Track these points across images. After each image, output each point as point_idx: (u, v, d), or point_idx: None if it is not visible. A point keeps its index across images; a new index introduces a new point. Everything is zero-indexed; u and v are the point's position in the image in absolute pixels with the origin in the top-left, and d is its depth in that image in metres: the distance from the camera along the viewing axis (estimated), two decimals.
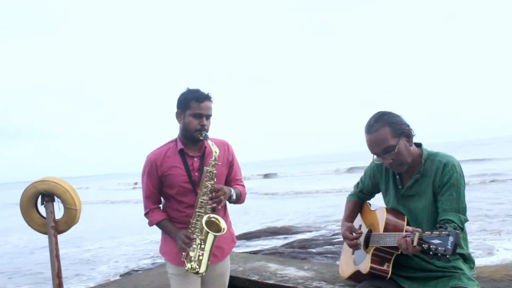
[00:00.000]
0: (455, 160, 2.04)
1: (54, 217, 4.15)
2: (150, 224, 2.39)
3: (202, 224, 2.14)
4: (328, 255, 8.23)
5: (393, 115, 2.05)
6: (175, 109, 2.34)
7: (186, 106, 2.27)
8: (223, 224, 2.19)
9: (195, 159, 2.34)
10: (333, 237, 9.83)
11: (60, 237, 4.45)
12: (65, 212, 4.16)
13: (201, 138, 2.26)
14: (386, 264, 2.11)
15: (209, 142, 2.25)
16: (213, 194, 2.17)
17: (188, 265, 2.13)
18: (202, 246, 2.15)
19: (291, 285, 2.79)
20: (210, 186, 2.19)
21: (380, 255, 2.13)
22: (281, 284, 2.83)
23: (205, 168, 2.22)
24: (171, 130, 2.47)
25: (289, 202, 18.81)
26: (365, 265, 2.18)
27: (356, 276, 2.37)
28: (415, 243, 1.70)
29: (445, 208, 1.95)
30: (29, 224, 4.16)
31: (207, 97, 2.27)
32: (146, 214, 2.40)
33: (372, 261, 2.13)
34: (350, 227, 2.28)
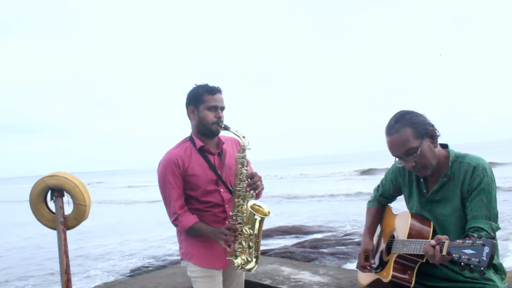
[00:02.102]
0: (486, 163, 1.89)
1: (63, 213, 4.09)
2: (182, 229, 2.24)
3: (247, 210, 2.06)
4: (340, 255, 8.10)
5: (415, 115, 1.90)
6: (184, 108, 2.28)
7: (199, 101, 2.20)
8: (266, 208, 2.10)
9: (215, 156, 2.28)
10: (344, 237, 9.69)
11: (69, 232, 4.39)
12: (74, 208, 4.10)
13: (221, 130, 2.20)
14: (409, 272, 1.97)
15: (232, 130, 2.18)
16: (249, 180, 2.09)
17: (237, 261, 2.06)
18: (251, 233, 2.06)
19: None
20: (245, 172, 2.12)
21: (403, 263, 1.99)
22: None
23: (237, 154, 2.16)
24: (180, 128, 2.37)
25: (303, 203, 18.66)
26: (386, 273, 2.04)
27: (376, 284, 2.23)
28: (444, 252, 1.56)
29: (474, 215, 1.81)
30: (38, 219, 4.11)
31: (218, 90, 2.23)
32: (175, 221, 2.23)
33: (394, 269, 1.99)
34: (368, 251, 2.19)
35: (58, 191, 4.04)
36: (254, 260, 2.08)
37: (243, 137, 2.17)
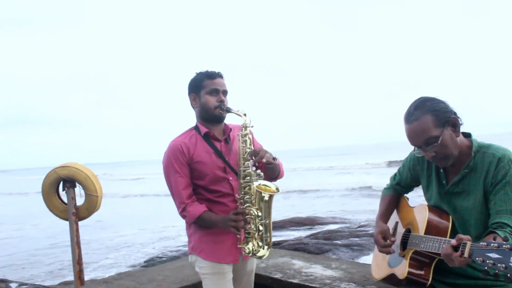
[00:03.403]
0: None
1: (75, 203, 4.11)
2: (190, 220, 2.13)
3: (253, 189, 1.97)
4: (354, 247, 8.03)
5: (436, 101, 1.78)
6: (187, 99, 2.21)
7: (200, 87, 2.14)
8: (273, 186, 1.99)
9: (222, 142, 2.19)
10: (358, 229, 9.60)
11: (84, 223, 4.40)
12: (86, 199, 4.11)
13: (223, 113, 2.12)
14: (426, 269, 1.88)
15: (234, 111, 2.10)
16: (253, 158, 1.98)
17: (248, 247, 1.96)
18: (259, 215, 1.95)
19: (317, 285, 2.59)
20: (248, 151, 2.03)
21: (419, 259, 1.91)
22: (306, 284, 2.64)
23: (239, 133, 2.08)
24: (192, 118, 2.31)
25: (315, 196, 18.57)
26: (402, 270, 1.96)
27: (390, 279, 2.15)
28: (466, 254, 1.45)
29: (498, 209, 1.70)
30: (50, 210, 4.13)
31: (219, 74, 2.15)
32: (182, 211, 2.13)
33: (410, 266, 1.91)
34: (384, 231, 2.04)
35: (70, 182, 4.06)
36: (266, 246, 1.97)
37: (244, 114, 2.09)
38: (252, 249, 1.96)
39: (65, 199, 4.14)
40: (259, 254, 1.98)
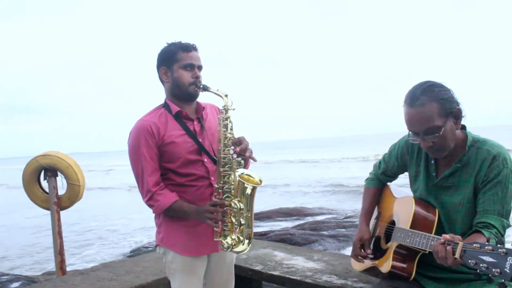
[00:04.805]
0: (507, 153, 1.70)
1: (57, 193, 4.07)
2: (158, 210, 1.95)
3: (235, 181, 1.81)
4: (340, 238, 8.07)
5: (444, 89, 1.68)
6: (156, 72, 2.01)
7: (172, 60, 1.94)
8: (257, 177, 1.85)
9: (195, 122, 2.02)
10: (345, 220, 9.65)
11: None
12: (68, 188, 4.08)
13: (200, 91, 1.94)
14: (410, 263, 1.85)
15: (213, 90, 1.92)
16: (235, 148, 1.80)
17: (227, 241, 1.82)
18: (241, 207, 1.81)
19: (298, 277, 2.58)
20: (229, 137, 1.88)
21: (403, 253, 1.86)
22: (287, 276, 2.61)
23: (219, 116, 1.90)
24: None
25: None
26: (385, 263, 1.92)
27: (371, 271, 2.12)
28: (457, 255, 1.41)
29: (486, 208, 1.66)
30: (31, 199, 4.08)
31: (194, 47, 1.96)
32: (149, 200, 1.95)
33: (394, 259, 1.87)
34: (364, 240, 2.05)
35: (51, 171, 4.01)
36: (246, 240, 1.84)
37: (226, 95, 1.90)
38: (232, 243, 1.83)
39: (46, 188, 4.09)
40: (238, 249, 1.86)
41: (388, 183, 2.23)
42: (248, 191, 1.82)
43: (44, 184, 4.25)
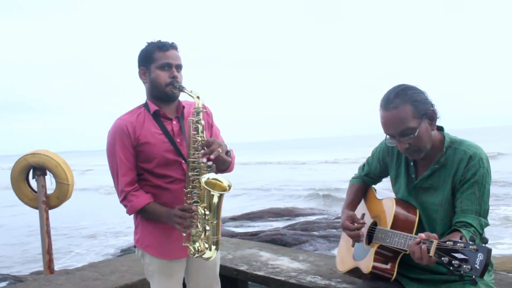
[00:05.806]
0: (483, 153, 1.75)
1: (46, 192, 4.06)
2: (131, 211, 1.94)
3: (201, 185, 1.77)
4: (331, 238, 8.12)
5: (418, 91, 1.72)
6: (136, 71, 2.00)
7: (150, 60, 1.92)
8: (226, 182, 1.80)
9: (174, 122, 1.99)
10: (336, 220, 9.71)
11: (53, 212, 4.33)
12: (57, 187, 4.07)
13: (175, 91, 1.92)
14: (391, 263, 1.88)
15: (187, 91, 1.90)
16: (205, 149, 1.77)
17: (193, 248, 1.81)
18: (207, 214, 1.78)
19: (283, 278, 2.61)
20: (199, 140, 1.84)
21: (384, 254, 1.90)
22: (272, 276, 2.64)
23: (190, 118, 1.87)
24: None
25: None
26: (366, 264, 1.96)
27: (355, 272, 2.15)
28: (431, 253, 1.45)
29: (464, 208, 1.70)
30: (19, 198, 4.08)
31: (172, 45, 1.94)
32: (123, 200, 1.94)
33: (375, 260, 1.90)
34: (351, 216, 2.02)
35: (40, 170, 4.01)
36: (213, 247, 1.81)
37: (197, 97, 1.87)
38: (198, 249, 1.81)
39: (35, 187, 4.09)
40: (205, 256, 1.83)
41: (373, 186, 2.26)
42: (215, 199, 1.79)
43: (33, 183, 4.23)
